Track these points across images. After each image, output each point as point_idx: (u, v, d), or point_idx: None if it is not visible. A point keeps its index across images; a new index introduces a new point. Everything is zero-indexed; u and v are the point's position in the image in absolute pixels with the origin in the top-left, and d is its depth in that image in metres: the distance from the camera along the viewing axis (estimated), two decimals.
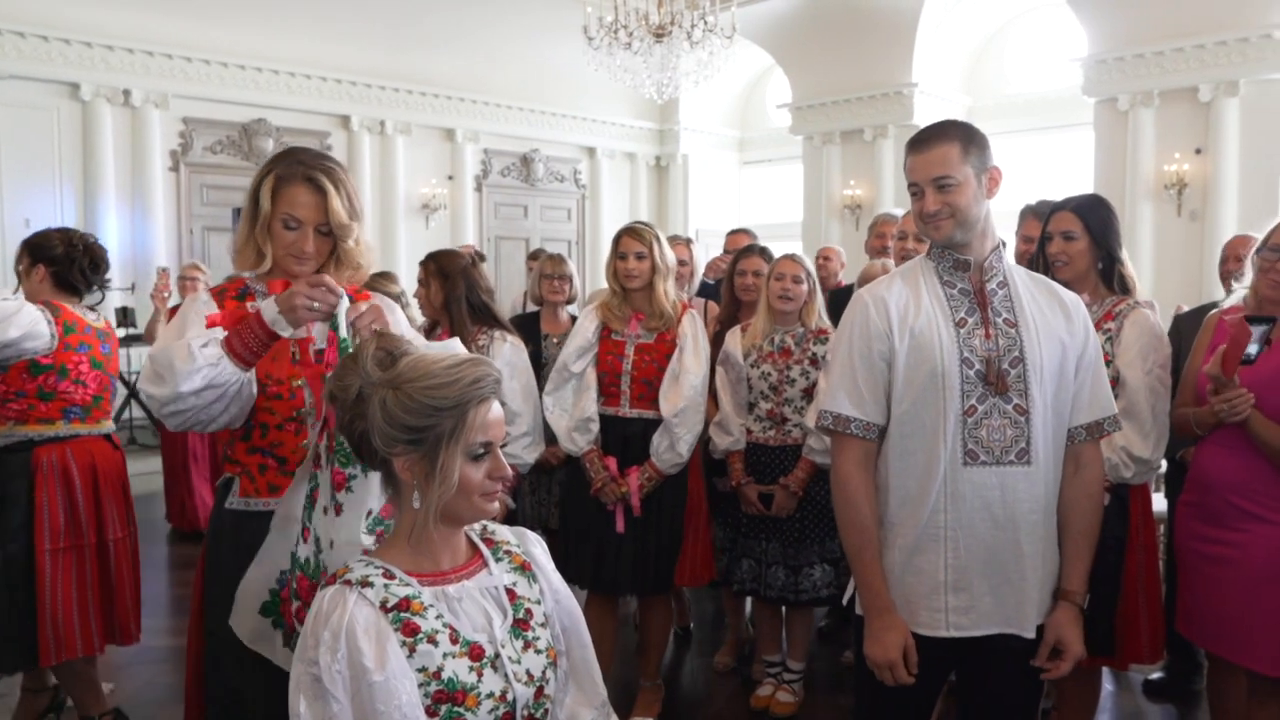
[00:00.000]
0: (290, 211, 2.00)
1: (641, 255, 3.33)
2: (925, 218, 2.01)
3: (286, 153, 2.08)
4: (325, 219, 2.01)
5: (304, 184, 2.00)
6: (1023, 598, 1.99)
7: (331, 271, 2.07)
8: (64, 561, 3.03)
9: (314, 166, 2.02)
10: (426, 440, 1.43)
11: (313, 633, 1.39)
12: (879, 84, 10.60)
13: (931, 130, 2.03)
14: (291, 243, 2.02)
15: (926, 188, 1.99)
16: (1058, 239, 2.75)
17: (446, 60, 10.84)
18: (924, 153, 2.00)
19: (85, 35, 8.65)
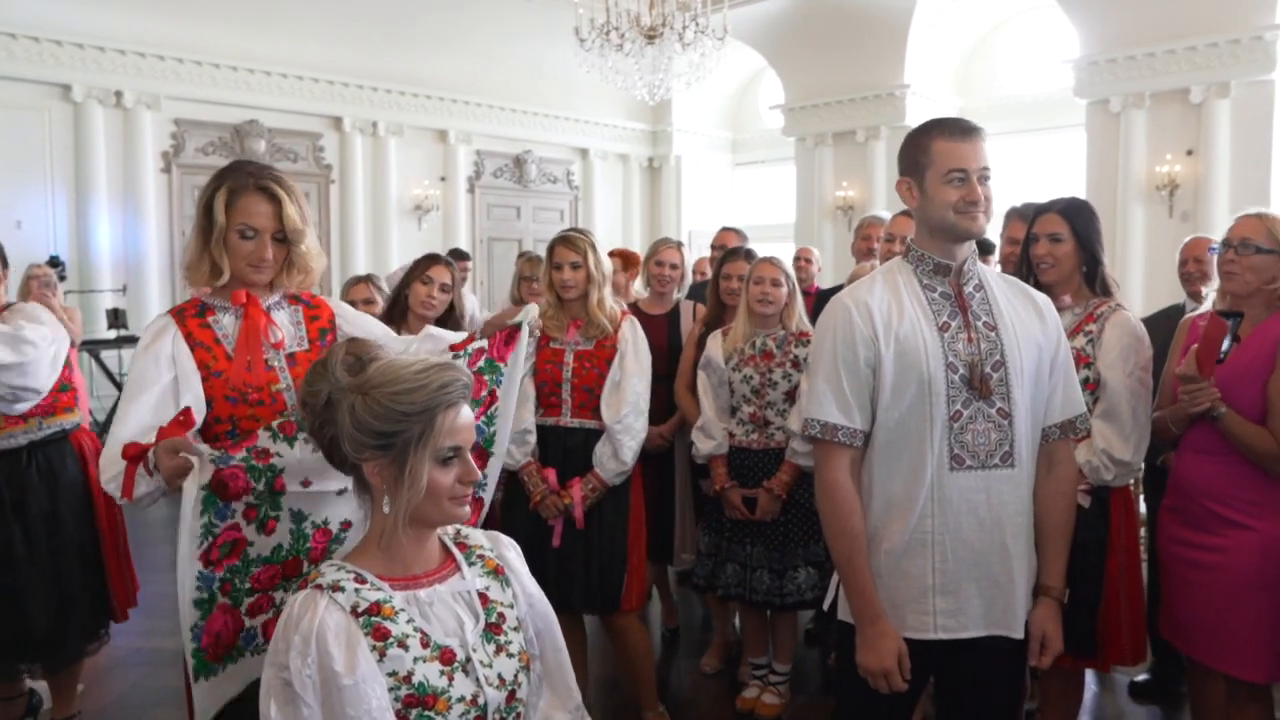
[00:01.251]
0: (247, 221, 2.03)
1: (576, 264, 3.24)
2: (971, 204, 1.97)
3: (233, 165, 2.11)
4: (280, 226, 2.05)
5: (257, 193, 2.04)
6: (1011, 599, 2.00)
7: (284, 278, 2.12)
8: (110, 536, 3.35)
9: (264, 176, 2.07)
10: (395, 445, 1.43)
11: (284, 637, 1.40)
12: (871, 85, 10.61)
13: (967, 123, 2.01)
14: (250, 252, 2.04)
15: (974, 176, 1.96)
16: (1044, 241, 2.74)
17: (439, 61, 10.83)
18: (974, 142, 1.98)
19: (77, 37, 8.63)
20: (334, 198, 10.61)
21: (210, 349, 2.06)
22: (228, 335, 2.07)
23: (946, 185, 1.97)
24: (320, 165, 10.50)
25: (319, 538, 1.97)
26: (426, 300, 3.41)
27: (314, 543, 1.97)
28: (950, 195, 1.97)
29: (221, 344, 2.07)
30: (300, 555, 1.96)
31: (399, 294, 3.51)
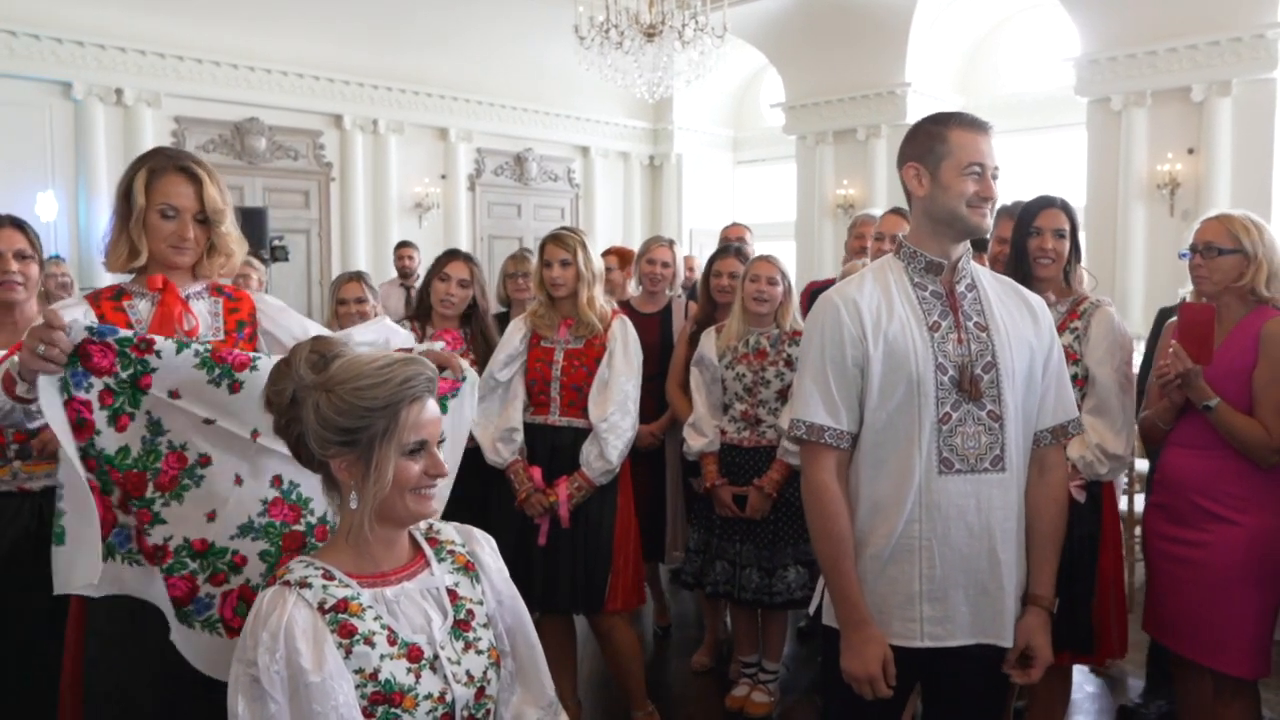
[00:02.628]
0: (167, 200, 2.04)
1: (566, 262, 3.23)
2: (984, 200, 1.94)
3: (153, 151, 2.13)
4: (201, 206, 2.06)
5: (178, 173, 2.06)
6: (1001, 606, 1.96)
7: (205, 261, 2.12)
8: None
9: (185, 159, 2.10)
10: (361, 441, 1.44)
11: (252, 633, 1.40)
12: (872, 84, 10.58)
13: (980, 120, 1.98)
14: (171, 232, 2.05)
15: (989, 172, 1.94)
16: (1049, 235, 2.74)
17: (439, 59, 10.83)
18: (990, 136, 1.95)
19: (77, 34, 8.63)
20: (334, 195, 10.61)
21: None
22: (141, 320, 2.06)
23: (964, 177, 1.92)
24: (321, 163, 10.50)
25: (172, 461, 1.79)
26: (445, 297, 3.41)
27: (165, 465, 1.79)
28: (967, 188, 1.92)
29: (134, 329, 2.01)
30: (146, 473, 1.78)
31: (424, 293, 3.51)
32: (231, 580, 1.82)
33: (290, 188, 10.32)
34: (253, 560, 1.84)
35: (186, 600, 1.79)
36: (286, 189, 10.28)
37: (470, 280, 3.44)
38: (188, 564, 1.79)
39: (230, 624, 1.82)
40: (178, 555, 1.79)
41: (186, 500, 1.79)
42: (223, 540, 1.82)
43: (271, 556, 1.85)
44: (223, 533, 1.81)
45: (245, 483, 1.83)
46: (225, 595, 1.82)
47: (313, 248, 10.54)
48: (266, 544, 1.85)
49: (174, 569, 1.79)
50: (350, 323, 3.81)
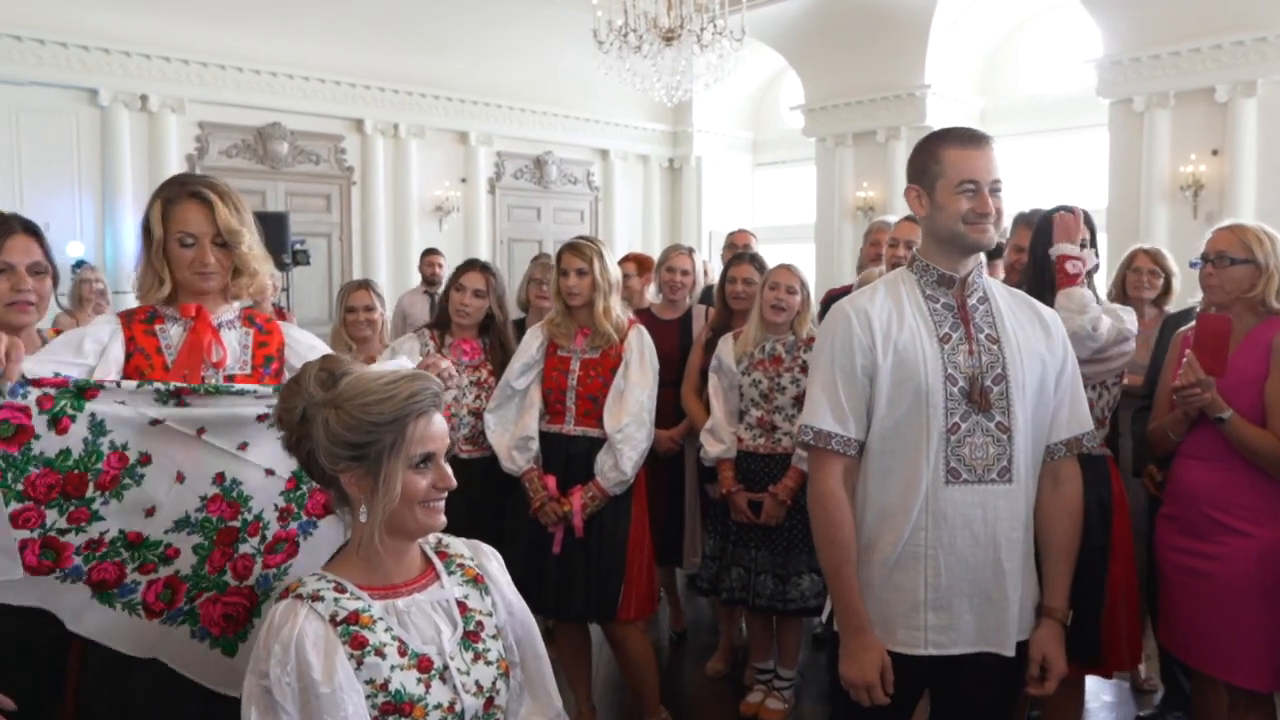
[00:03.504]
0: (183, 229, 2.05)
1: (582, 271, 3.23)
2: (981, 216, 1.94)
3: (168, 181, 2.14)
4: (217, 229, 2.05)
5: (190, 200, 2.06)
6: (1004, 616, 1.97)
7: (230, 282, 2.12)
8: None
9: (197, 183, 2.09)
10: (369, 456, 1.47)
11: (265, 645, 1.43)
12: (892, 86, 10.55)
13: (979, 133, 1.99)
14: (192, 260, 2.05)
15: (985, 187, 1.94)
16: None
17: (459, 63, 10.89)
18: (985, 151, 1.95)
19: (103, 42, 8.75)
20: (355, 199, 10.70)
21: (150, 357, 2.05)
22: (171, 346, 2.07)
23: (958, 195, 1.94)
24: (342, 167, 10.59)
25: (113, 461, 1.78)
26: (460, 307, 3.43)
27: (106, 465, 1.78)
28: (961, 206, 1.95)
29: (162, 354, 2.06)
30: (87, 473, 1.76)
31: (444, 303, 3.53)
32: (160, 570, 1.85)
33: (312, 192, 10.42)
34: (185, 553, 1.87)
35: (114, 583, 1.82)
36: (308, 193, 10.38)
37: (486, 290, 3.45)
38: (121, 553, 1.82)
39: (151, 607, 1.85)
40: (112, 545, 1.81)
41: (126, 498, 1.81)
42: (158, 534, 1.85)
43: (204, 550, 1.89)
44: (159, 527, 1.84)
45: (186, 479, 1.85)
46: (151, 583, 1.85)
47: (334, 251, 10.63)
48: (201, 538, 1.89)
49: (107, 556, 1.81)
50: (358, 330, 3.85)
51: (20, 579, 1.74)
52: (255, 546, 1.93)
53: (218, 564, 1.89)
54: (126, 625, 1.83)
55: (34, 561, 1.73)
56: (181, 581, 1.87)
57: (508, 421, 3.29)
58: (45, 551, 1.74)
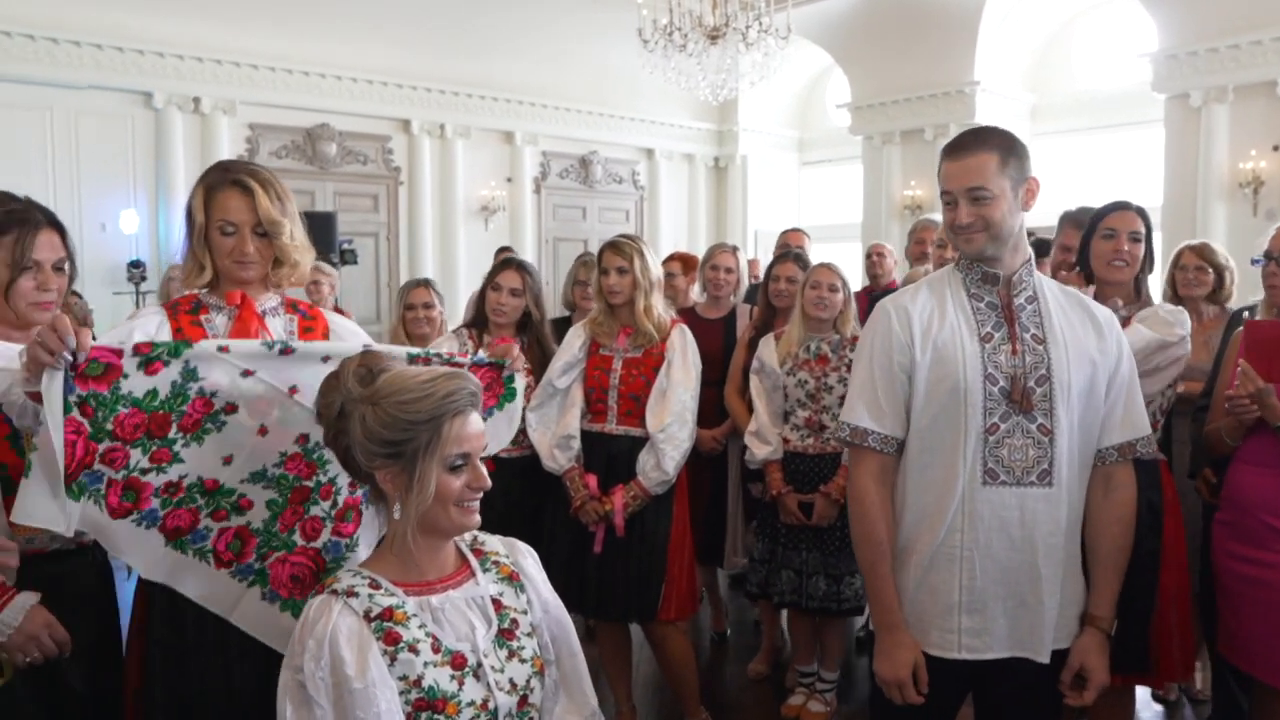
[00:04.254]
0: (224, 217, 2.02)
1: (623, 270, 3.22)
2: (957, 230, 1.96)
3: (212, 167, 2.11)
4: (258, 218, 2.02)
5: (232, 188, 2.03)
6: (1038, 622, 1.94)
7: (272, 272, 2.10)
8: None
9: (239, 171, 2.06)
10: (405, 454, 1.47)
11: (300, 640, 1.44)
12: (940, 82, 10.41)
13: (969, 137, 1.97)
14: (232, 248, 2.03)
15: (960, 198, 1.93)
16: (1124, 238, 2.67)
17: (505, 64, 10.95)
18: (960, 160, 1.94)
19: (158, 46, 8.94)
20: (402, 199, 10.81)
21: None
22: (217, 335, 2.06)
23: (945, 207, 1.97)
24: (389, 167, 10.70)
25: (198, 405, 1.78)
26: (497, 306, 3.43)
27: (190, 409, 1.78)
28: (947, 217, 1.97)
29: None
30: (171, 414, 1.76)
31: (480, 302, 3.55)
32: (232, 519, 1.86)
33: (359, 192, 10.55)
34: (258, 505, 1.87)
35: (187, 530, 1.83)
36: (356, 193, 10.51)
37: (522, 289, 3.44)
38: (196, 499, 1.83)
39: (220, 555, 1.85)
40: (189, 491, 1.82)
41: (206, 443, 1.81)
42: (233, 483, 1.85)
43: (278, 506, 1.88)
44: (235, 476, 1.85)
45: (269, 434, 1.85)
46: (222, 530, 1.86)
47: (381, 251, 10.75)
48: (275, 494, 1.89)
49: (183, 502, 1.82)
50: (417, 328, 3.88)
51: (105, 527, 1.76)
52: (326, 510, 1.93)
53: (289, 522, 1.90)
54: (196, 571, 1.84)
55: (115, 502, 1.75)
56: (252, 535, 1.87)
57: (549, 420, 3.29)
58: (126, 492, 1.76)
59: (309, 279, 5.95)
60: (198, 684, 1.94)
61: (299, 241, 2.09)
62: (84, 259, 8.68)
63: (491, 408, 2.12)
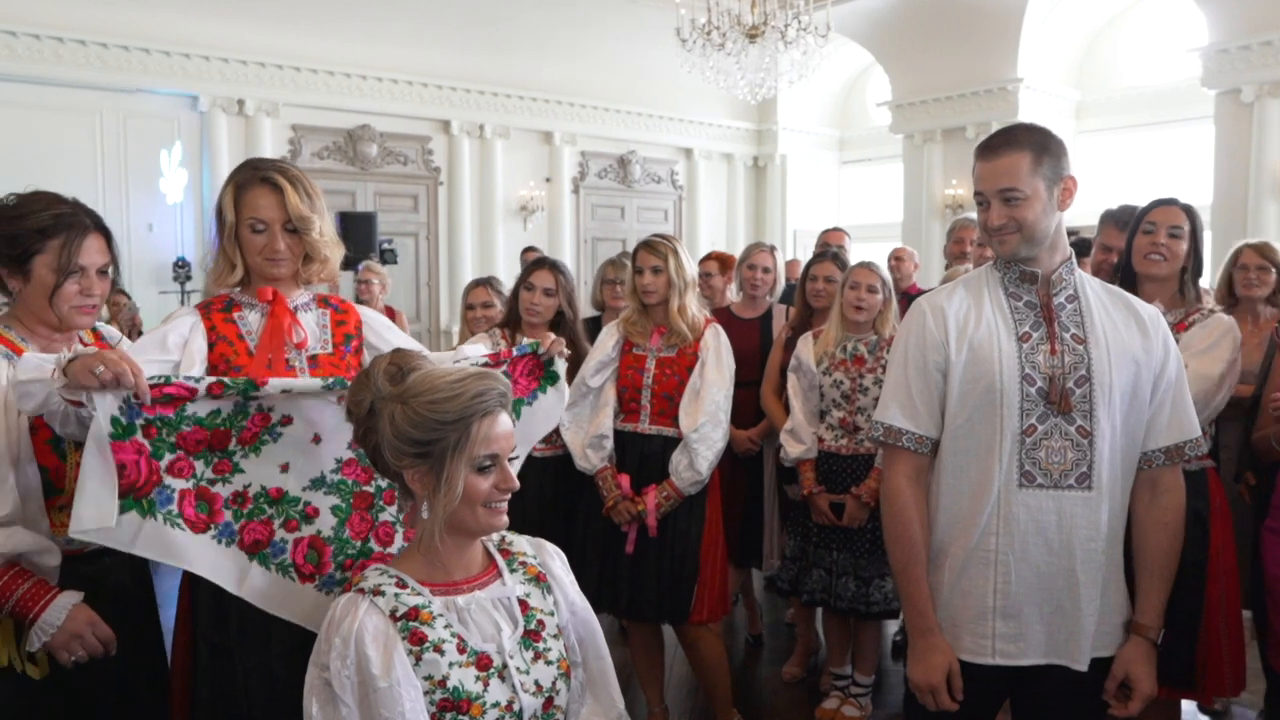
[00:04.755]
0: (254, 214, 2.03)
1: (657, 270, 3.20)
2: (990, 231, 1.93)
3: (241, 165, 2.12)
4: (287, 215, 2.03)
5: (261, 185, 2.04)
6: (1075, 629, 1.89)
7: (302, 268, 2.11)
8: None
9: (268, 168, 2.06)
10: (433, 453, 1.46)
11: (326, 638, 1.44)
12: (982, 80, 10.28)
13: (1001, 137, 1.93)
14: (263, 246, 2.04)
15: (992, 199, 1.90)
16: (1163, 232, 2.59)
17: (544, 64, 10.99)
18: (992, 161, 1.91)
19: (204, 50, 9.09)
20: (442, 199, 10.89)
21: (232, 344, 2.05)
22: (251, 332, 2.07)
23: (979, 208, 1.95)
24: (429, 168, 10.79)
25: (257, 420, 1.82)
26: (531, 306, 3.43)
27: (250, 424, 1.82)
28: (980, 218, 1.95)
29: (244, 340, 2.06)
30: (231, 430, 1.80)
31: (513, 302, 3.56)
32: (303, 529, 1.88)
33: (400, 192, 10.64)
34: (324, 513, 1.90)
35: (266, 543, 1.86)
36: (396, 193, 10.60)
37: (555, 289, 3.44)
38: (265, 509, 1.86)
39: (301, 569, 1.88)
40: (256, 501, 1.85)
41: (263, 453, 1.84)
42: (295, 490, 1.88)
43: (342, 512, 1.91)
44: (296, 484, 1.87)
45: (323, 441, 1.88)
46: (297, 542, 1.88)
47: (421, 250, 10.84)
48: (338, 499, 1.91)
49: (253, 514, 1.85)
50: (478, 326, 3.87)
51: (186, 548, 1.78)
52: (394, 515, 1.95)
53: (358, 529, 1.93)
54: (284, 588, 1.86)
55: (191, 515, 1.79)
56: (325, 544, 1.90)
57: (582, 419, 3.29)
58: (200, 503, 1.80)
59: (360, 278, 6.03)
60: (242, 680, 1.96)
61: (328, 237, 2.10)
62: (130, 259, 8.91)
63: (535, 390, 2.16)
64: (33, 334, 1.95)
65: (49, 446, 1.86)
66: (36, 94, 8.50)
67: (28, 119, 8.46)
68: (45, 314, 1.94)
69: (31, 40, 8.35)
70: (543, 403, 2.21)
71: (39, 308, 1.92)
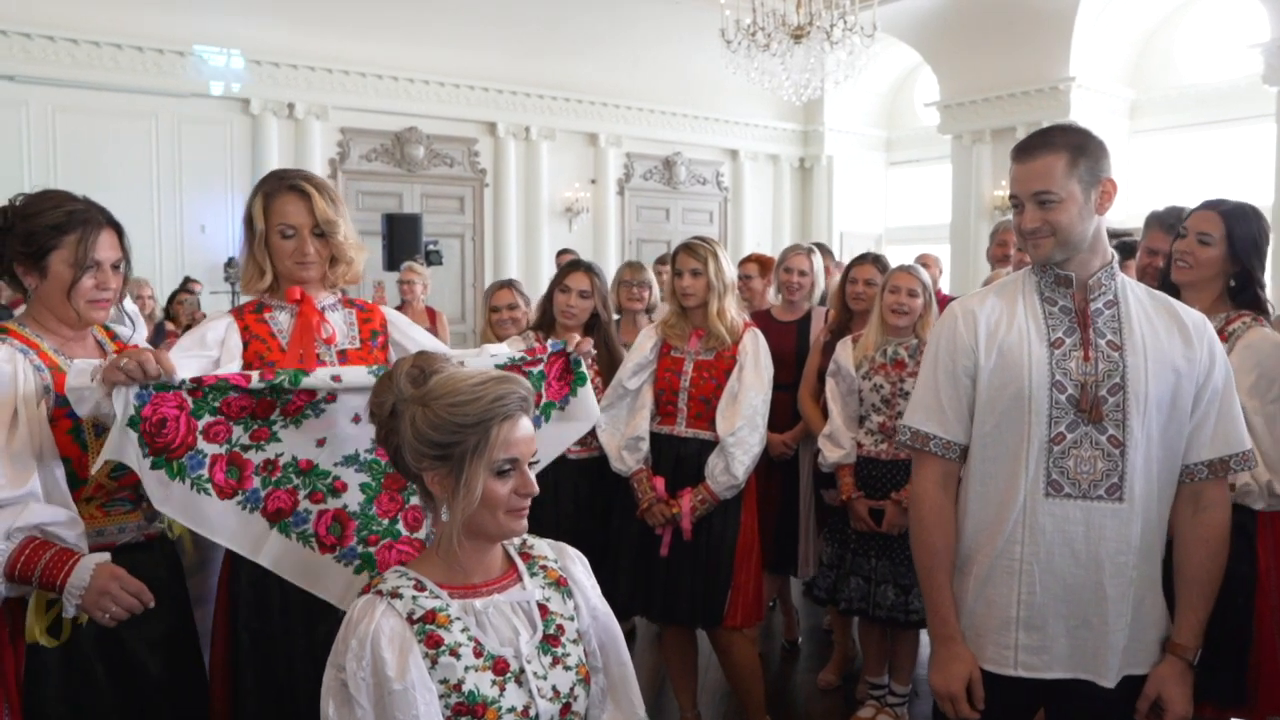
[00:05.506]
0: (284, 220, 2.14)
1: (697, 272, 3.19)
2: (1024, 234, 1.89)
3: (268, 175, 2.21)
4: (315, 220, 2.13)
5: (289, 193, 2.14)
6: (1102, 644, 1.84)
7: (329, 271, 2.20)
8: None
9: (295, 176, 2.17)
10: (452, 456, 1.46)
11: (343, 639, 1.45)
12: (1033, 79, 10.11)
13: (1037, 138, 1.88)
14: (293, 250, 2.14)
15: (1026, 202, 1.85)
16: (1191, 237, 2.51)
17: (589, 66, 11.03)
18: (1026, 163, 1.86)
19: (255, 54, 9.29)
20: (488, 201, 10.97)
21: (266, 341, 2.15)
22: (283, 331, 2.17)
23: (1014, 211, 1.90)
24: (475, 169, 10.87)
25: (302, 396, 1.89)
26: (566, 308, 3.44)
27: (295, 398, 1.89)
28: (1015, 221, 1.91)
29: (276, 338, 2.16)
30: (276, 401, 1.88)
31: (547, 304, 3.56)
32: (329, 502, 1.93)
33: (446, 194, 10.75)
34: (352, 488, 1.95)
35: (289, 512, 1.91)
36: (442, 195, 10.72)
37: (591, 291, 3.44)
38: (292, 479, 1.91)
39: (323, 540, 1.92)
40: (285, 471, 1.91)
41: (303, 425, 1.91)
42: (327, 465, 1.93)
43: (371, 490, 1.96)
44: (328, 458, 1.93)
45: (362, 421, 1.92)
46: (321, 514, 1.93)
47: (467, 252, 10.94)
48: (368, 477, 1.97)
49: (280, 483, 1.90)
50: (503, 329, 3.88)
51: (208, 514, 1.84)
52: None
53: (386, 508, 1.97)
54: (302, 556, 1.91)
55: (221, 479, 1.84)
56: (350, 518, 1.94)
57: (619, 421, 3.28)
58: (230, 468, 1.85)
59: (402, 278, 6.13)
60: (285, 666, 2.00)
61: (352, 240, 2.20)
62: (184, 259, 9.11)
63: (566, 395, 2.20)
64: (49, 332, 1.99)
65: (70, 437, 1.90)
66: (96, 99, 8.75)
67: (89, 124, 8.72)
68: (62, 310, 1.97)
69: (91, 47, 8.59)
70: (574, 406, 2.24)
71: (56, 303, 1.96)
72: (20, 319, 2.01)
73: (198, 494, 1.81)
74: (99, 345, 2.10)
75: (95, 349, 2.08)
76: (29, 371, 1.86)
